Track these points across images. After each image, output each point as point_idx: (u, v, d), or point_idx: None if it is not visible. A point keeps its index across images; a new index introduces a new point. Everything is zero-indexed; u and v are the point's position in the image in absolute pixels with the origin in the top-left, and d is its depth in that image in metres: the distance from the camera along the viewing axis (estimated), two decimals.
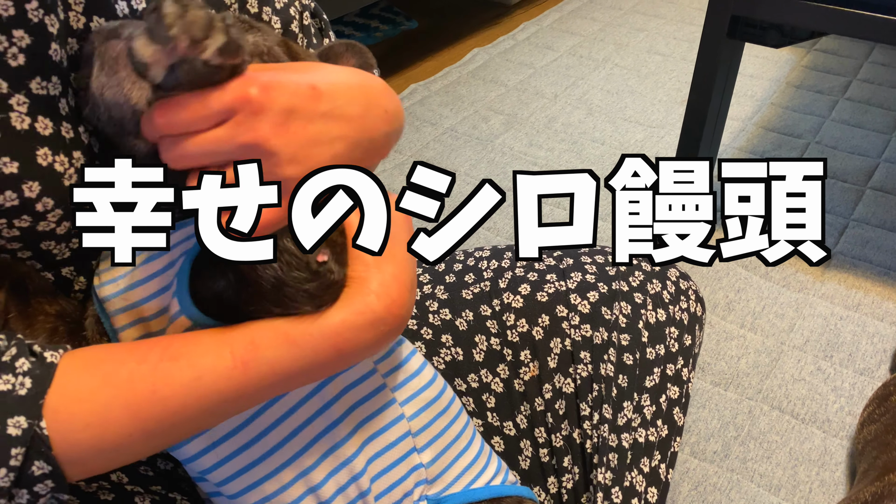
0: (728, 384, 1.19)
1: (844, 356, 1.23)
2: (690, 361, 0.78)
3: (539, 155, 1.76)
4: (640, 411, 0.73)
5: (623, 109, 1.95)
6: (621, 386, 0.73)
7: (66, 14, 0.48)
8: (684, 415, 0.77)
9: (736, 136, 1.82)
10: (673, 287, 0.79)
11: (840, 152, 1.75)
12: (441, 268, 0.82)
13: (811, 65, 2.14)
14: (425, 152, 1.76)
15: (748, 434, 1.11)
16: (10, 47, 0.44)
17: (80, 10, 0.49)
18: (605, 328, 0.74)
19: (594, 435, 0.72)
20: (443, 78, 2.08)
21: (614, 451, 0.71)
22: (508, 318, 0.75)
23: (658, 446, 0.74)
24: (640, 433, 0.73)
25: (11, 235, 0.47)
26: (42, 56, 0.45)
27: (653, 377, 0.75)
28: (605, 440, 0.71)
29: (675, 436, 0.75)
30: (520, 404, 0.74)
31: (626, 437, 0.72)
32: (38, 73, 0.45)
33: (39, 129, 0.45)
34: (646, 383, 0.74)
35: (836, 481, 1.05)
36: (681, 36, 2.34)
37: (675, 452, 0.75)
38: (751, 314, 1.31)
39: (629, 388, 0.73)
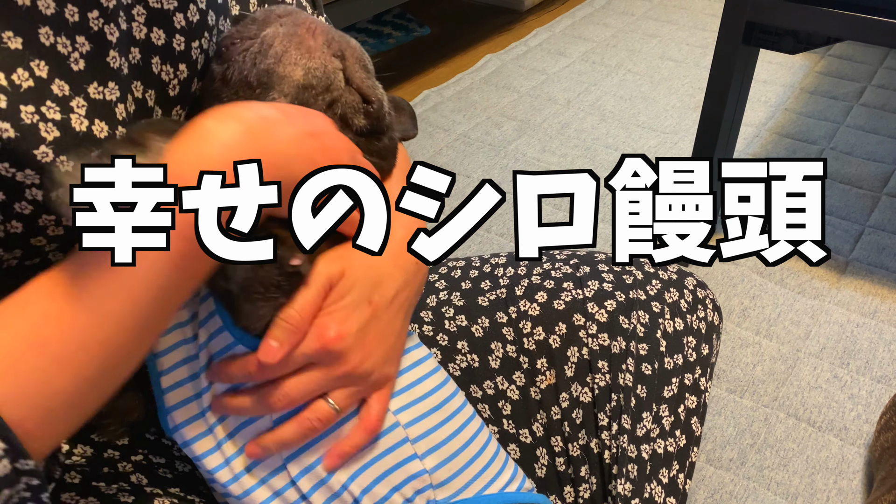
0: (744, 391, 1.19)
1: (861, 363, 1.23)
2: (708, 371, 0.78)
3: (552, 161, 1.76)
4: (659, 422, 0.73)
5: (636, 115, 1.94)
6: (640, 396, 0.72)
7: (129, 25, 0.50)
8: (702, 424, 0.77)
9: (750, 142, 1.82)
10: (690, 296, 0.79)
11: (855, 158, 1.74)
12: (457, 274, 0.82)
13: (825, 70, 2.13)
14: (438, 158, 1.76)
15: (764, 442, 1.11)
16: (73, 52, 0.46)
17: (143, 21, 0.51)
18: (622, 337, 0.73)
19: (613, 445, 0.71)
20: (455, 84, 2.09)
21: (633, 463, 0.71)
22: (525, 325, 0.75)
23: (676, 457, 0.73)
24: (659, 444, 0.72)
25: (55, 234, 0.47)
26: (101, 62, 0.47)
27: (671, 387, 0.74)
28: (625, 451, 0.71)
29: (692, 446, 0.75)
30: (536, 412, 0.74)
31: (645, 448, 0.71)
32: (96, 79, 0.47)
33: (96, 131, 0.47)
34: (664, 393, 0.74)
35: (853, 490, 1.04)
36: (693, 42, 2.34)
37: (693, 462, 0.75)
38: (766, 321, 1.31)
39: (648, 399, 0.73)
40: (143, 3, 0.51)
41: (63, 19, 0.45)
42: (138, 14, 0.51)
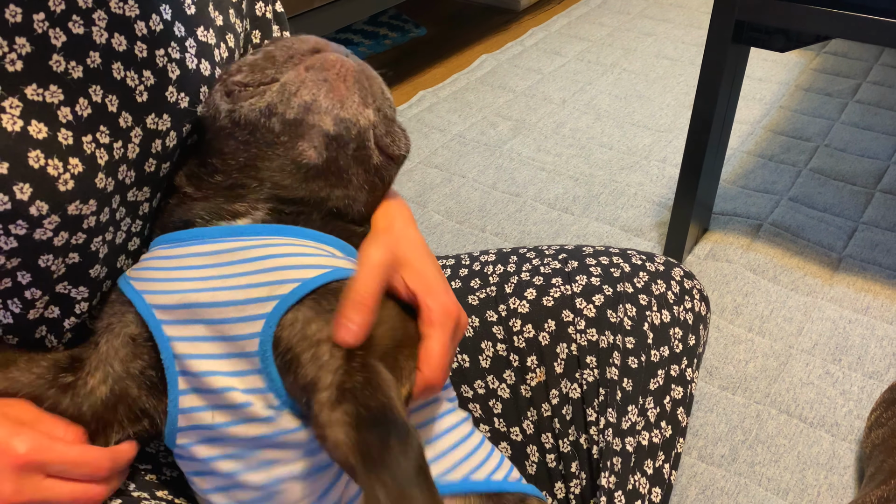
0: (736, 388, 1.19)
1: (853, 359, 1.23)
2: (695, 361, 0.78)
3: (547, 160, 1.76)
4: (644, 414, 0.73)
5: (631, 114, 1.95)
6: (626, 390, 0.73)
7: (88, 28, 0.50)
8: (688, 415, 0.77)
9: (745, 139, 1.82)
10: (678, 287, 0.79)
11: (849, 155, 1.74)
12: (447, 273, 0.82)
13: (820, 68, 2.14)
14: (434, 158, 1.77)
15: (756, 438, 1.11)
16: (10, 53, 0.46)
17: (103, 26, 0.51)
18: (610, 331, 0.74)
19: (600, 440, 0.72)
20: (451, 84, 2.10)
21: (618, 455, 0.71)
22: (515, 323, 0.75)
23: (662, 447, 0.74)
24: (644, 436, 0.73)
25: (10, 247, 0.48)
26: (41, 65, 0.47)
27: (657, 379, 0.75)
28: (610, 444, 0.71)
29: (678, 436, 0.75)
30: (526, 410, 0.74)
31: (629, 440, 0.72)
32: (35, 81, 0.47)
33: (32, 132, 0.47)
34: (650, 386, 0.74)
35: (844, 485, 1.05)
36: (689, 40, 2.34)
37: (679, 453, 0.75)
38: (759, 318, 1.31)
39: (633, 392, 0.73)
40: (105, 7, 0.51)
41: (2, 20, 0.46)
42: (99, 18, 0.51)
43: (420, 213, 1.58)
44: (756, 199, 1.61)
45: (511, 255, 0.82)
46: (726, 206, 1.59)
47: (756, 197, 1.62)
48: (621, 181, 1.68)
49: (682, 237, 1.42)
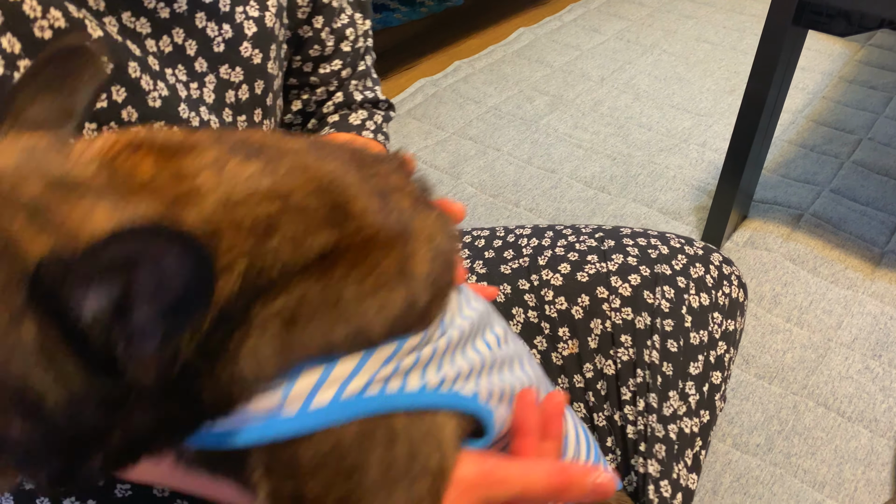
0: (773, 378, 1.17)
1: (894, 356, 1.21)
2: (731, 348, 0.77)
3: (584, 138, 1.73)
4: (686, 399, 0.72)
5: (671, 96, 1.91)
6: (666, 374, 0.72)
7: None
8: (724, 401, 0.76)
9: (786, 128, 1.78)
10: (716, 271, 0.78)
11: (893, 149, 1.70)
12: (481, 244, 0.81)
13: (865, 60, 2.09)
14: (468, 130, 1.74)
15: (792, 429, 1.09)
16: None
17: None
18: (647, 312, 0.73)
19: (638, 422, 0.71)
20: (487, 56, 2.06)
21: (661, 443, 0.70)
22: (547, 293, 0.74)
23: (700, 433, 0.73)
24: (686, 423, 0.72)
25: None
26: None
27: (697, 364, 0.74)
28: (653, 430, 0.70)
29: (713, 422, 0.74)
30: (557, 376, 0.74)
31: (672, 427, 0.71)
32: (130, 10, 0.50)
33: (130, 47, 0.50)
34: (690, 370, 0.73)
35: (882, 481, 1.03)
36: (731, 25, 2.29)
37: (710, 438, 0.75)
38: (797, 309, 1.29)
39: (674, 377, 0.72)
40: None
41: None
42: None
43: (453, 185, 1.55)
44: (797, 188, 1.58)
45: (547, 230, 0.81)
46: (766, 194, 1.56)
47: (797, 187, 1.58)
48: (660, 163, 1.65)
49: (722, 223, 1.39)
